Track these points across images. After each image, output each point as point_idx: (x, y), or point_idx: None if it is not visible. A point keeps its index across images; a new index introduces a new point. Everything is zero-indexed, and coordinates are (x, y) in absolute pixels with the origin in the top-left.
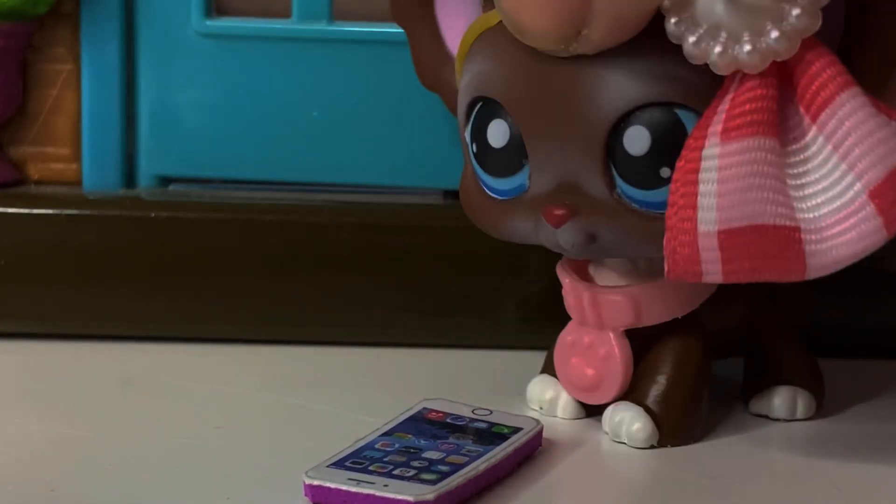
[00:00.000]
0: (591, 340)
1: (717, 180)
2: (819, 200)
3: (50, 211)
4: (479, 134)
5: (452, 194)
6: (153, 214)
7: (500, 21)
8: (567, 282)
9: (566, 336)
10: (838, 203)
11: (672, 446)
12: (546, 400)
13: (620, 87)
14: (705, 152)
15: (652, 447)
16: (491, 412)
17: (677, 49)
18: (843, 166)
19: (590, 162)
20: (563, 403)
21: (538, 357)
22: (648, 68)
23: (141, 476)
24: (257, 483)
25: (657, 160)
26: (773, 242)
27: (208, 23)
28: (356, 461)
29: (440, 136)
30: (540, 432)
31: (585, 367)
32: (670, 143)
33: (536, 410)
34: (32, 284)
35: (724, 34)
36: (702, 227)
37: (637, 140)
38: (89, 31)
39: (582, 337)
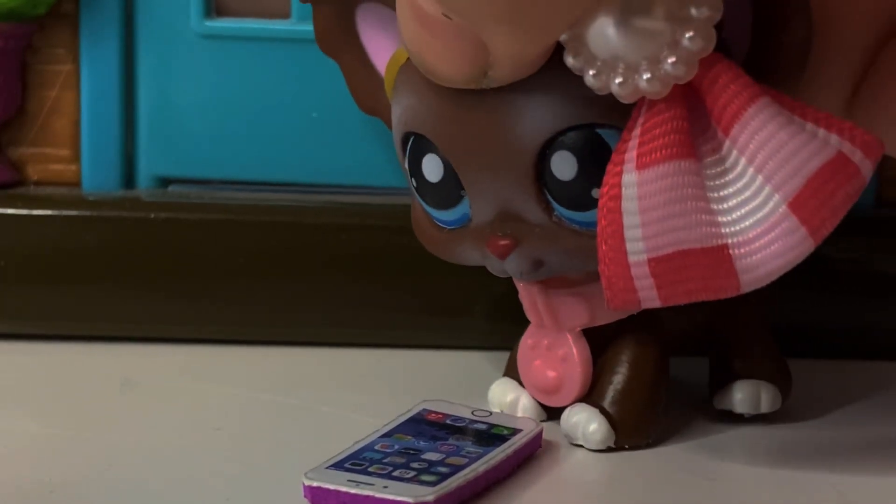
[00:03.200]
0: (550, 342)
1: (639, 210)
2: (742, 213)
3: (49, 212)
4: (415, 168)
5: None
6: (153, 215)
7: None
8: (521, 285)
9: (527, 339)
10: (760, 215)
11: (629, 448)
12: (506, 402)
13: (540, 114)
14: (624, 180)
15: (609, 449)
16: (490, 413)
17: None
18: (760, 178)
19: (523, 190)
20: (523, 406)
21: None
22: (565, 92)
23: (140, 477)
24: (256, 484)
25: (587, 182)
26: (703, 264)
27: (208, 23)
28: (356, 462)
29: None
30: (540, 434)
31: (547, 370)
32: (597, 164)
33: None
34: (31, 285)
35: (621, 65)
36: (631, 258)
37: (564, 165)
38: (89, 32)
39: (541, 339)
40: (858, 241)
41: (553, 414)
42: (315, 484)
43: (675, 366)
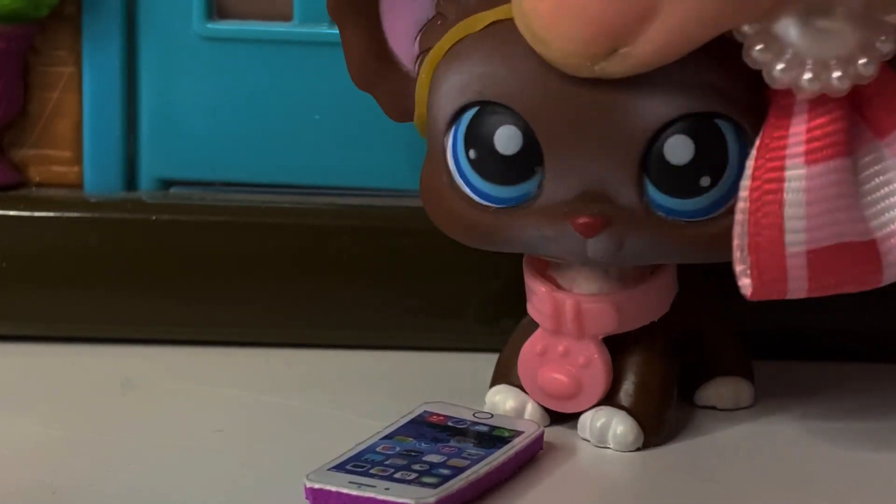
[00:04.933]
0: (567, 348)
1: (806, 202)
2: (887, 208)
3: (51, 213)
4: (482, 141)
5: None
6: (154, 217)
7: (493, 24)
8: (544, 290)
9: (535, 345)
10: None
11: (655, 446)
12: (509, 410)
13: (663, 96)
14: (789, 174)
15: (638, 449)
16: (492, 415)
17: (714, 59)
18: None
19: (623, 170)
20: (531, 412)
21: None
22: (690, 77)
23: (141, 479)
24: (258, 486)
25: (699, 169)
26: (856, 258)
27: (209, 25)
28: (357, 464)
29: None
30: (541, 436)
31: (559, 376)
32: (712, 153)
33: None
34: (33, 287)
35: (811, 61)
36: (790, 248)
37: (680, 149)
38: (91, 34)
39: (556, 346)
40: None
41: (556, 419)
42: (317, 485)
43: None
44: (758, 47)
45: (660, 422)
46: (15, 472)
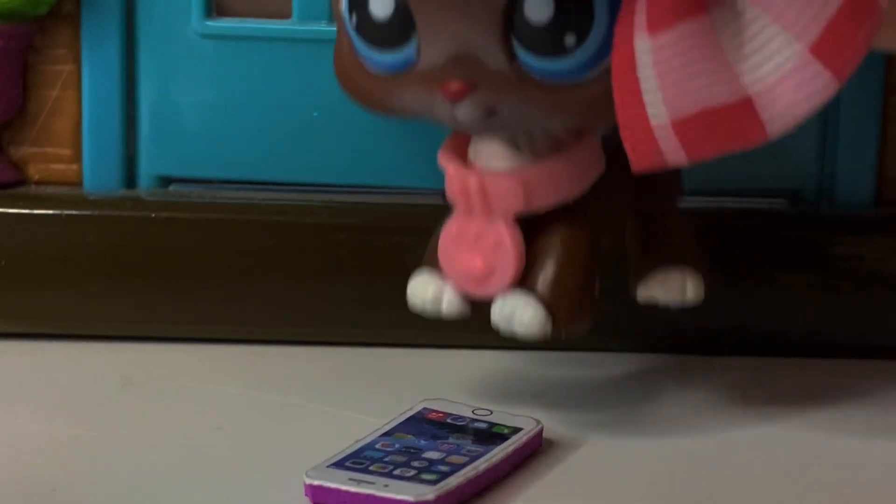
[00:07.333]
0: (479, 230)
1: (656, 75)
2: (762, 63)
3: (50, 211)
4: (360, 3)
5: None
6: (153, 215)
7: None
8: (451, 168)
9: (451, 227)
10: (780, 62)
11: (565, 335)
12: (429, 299)
13: None
14: (637, 46)
15: (546, 339)
16: (491, 412)
17: None
18: (778, 27)
19: (488, 32)
20: (448, 300)
21: (542, 357)
22: None
23: (141, 476)
24: (258, 483)
25: (561, 27)
26: (728, 120)
27: (209, 23)
28: (356, 461)
29: (440, 138)
30: (540, 432)
31: (474, 259)
32: (574, 9)
33: (420, 311)
34: (33, 285)
35: None
36: (653, 121)
37: (539, 6)
38: (90, 32)
39: (468, 227)
40: (858, 241)
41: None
42: (316, 482)
43: (671, 362)
44: None
45: (573, 310)
46: (15, 470)
